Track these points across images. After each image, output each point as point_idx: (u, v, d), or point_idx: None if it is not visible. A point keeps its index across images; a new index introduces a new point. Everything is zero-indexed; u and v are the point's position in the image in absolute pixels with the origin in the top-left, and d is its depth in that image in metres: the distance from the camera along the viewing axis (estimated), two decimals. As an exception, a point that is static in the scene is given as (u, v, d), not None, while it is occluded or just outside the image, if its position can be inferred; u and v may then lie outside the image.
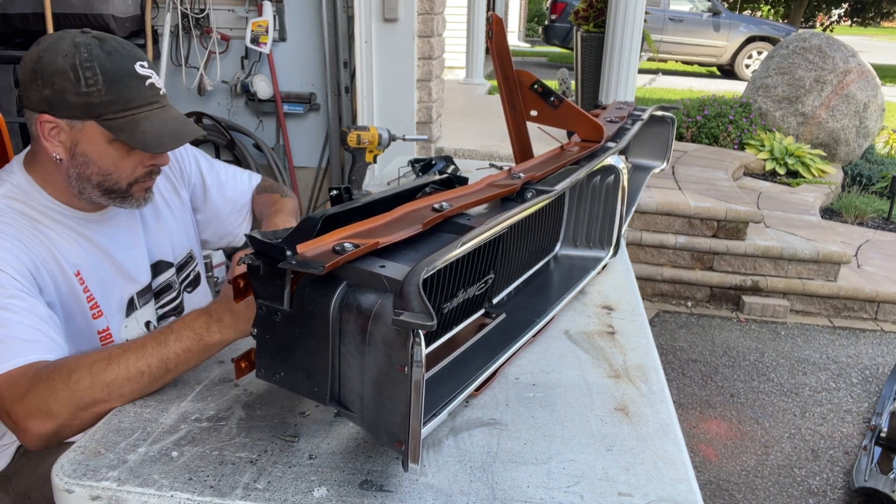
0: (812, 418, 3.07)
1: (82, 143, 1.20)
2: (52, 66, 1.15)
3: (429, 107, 4.07)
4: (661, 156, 2.03)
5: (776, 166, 5.83)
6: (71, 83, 1.15)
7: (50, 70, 1.15)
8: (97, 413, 1.01)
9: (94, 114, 1.18)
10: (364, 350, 0.80)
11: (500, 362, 1.07)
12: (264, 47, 3.63)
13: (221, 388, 1.06)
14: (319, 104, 3.90)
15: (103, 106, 1.18)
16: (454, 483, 0.86)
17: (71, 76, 1.15)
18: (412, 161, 2.32)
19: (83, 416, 1.00)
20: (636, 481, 0.88)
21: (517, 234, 1.23)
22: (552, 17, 13.38)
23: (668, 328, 3.89)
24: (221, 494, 0.82)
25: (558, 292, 1.35)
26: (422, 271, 0.77)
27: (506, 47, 1.51)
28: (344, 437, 0.94)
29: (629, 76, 4.42)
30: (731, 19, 12.89)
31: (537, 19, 21.05)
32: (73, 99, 1.16)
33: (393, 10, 3.71)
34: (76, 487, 0.84)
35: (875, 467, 2.61)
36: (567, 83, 5.52)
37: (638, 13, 4.31)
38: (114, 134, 1.19)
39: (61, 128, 1.19)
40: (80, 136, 1.20)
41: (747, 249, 4.18)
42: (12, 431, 1.04)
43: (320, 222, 0.86)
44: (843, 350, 3.73)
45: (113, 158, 1.22)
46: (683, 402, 3.16)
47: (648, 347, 1.24)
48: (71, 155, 1.21)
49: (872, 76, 6.36)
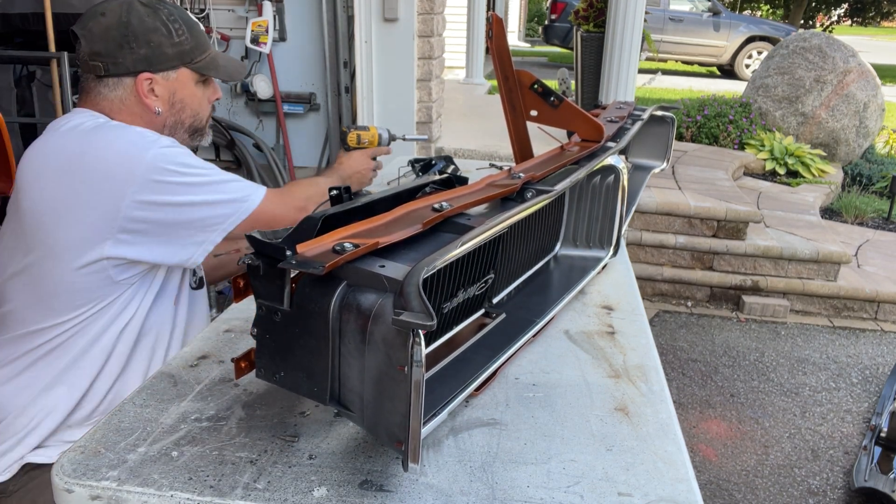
0: (812, 418, 3.07)
1: (179, 90, 1.39)
2: (143, 25, 1.30)
3: (429, 107, 4.07)
4: (661, 156, 2.03)
5: (776, 166, 5.83)
6: (165, 37, 1.33)
7: (142, 30, 1.30)
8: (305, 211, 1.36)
9: (187, 59, 1.37)
10: (364, 350, 0.80)
11: (500, 362, 1.07)
12: (264, 47, 3.63)
13: (221, 388, 1.05)
14: (319, 104, 3.90)
15: (192, 52, 1.38)
16: (454, 483, 0.86)
17: (163, 31, 1.32)
18: (412, 161, 2.32)
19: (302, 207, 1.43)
20: (636, 481, 0.88)
21: (517, 233, 1.23)
22: (552, 17, 13.39)
23: (668, 328, 3.89)
24: (221, 494, 0.82)
25: (558, 292, 1.35)
26: (422, 271, 0.77)
27: (506, 47, 1.51)
28: (344, 437, 0.94)
29: (629, 76, 4.43)
30: (731, 19, 12.90)
31: (537, 19, 21.06)
32: (170, 50, 1.34)
33: (393, 10, 3.71)
34: (76, 487, 0.84)
35: (875, 467, 2.61)
36: (567, 83, 5.52)
37: (638, 13, 4.31)
38: (204, 73, 1.41)
39: (158, 82, 1.35)
40: (175, 85, 1.38)
41: (747, 249, 4.18)
42: None
43: (320, 222, 0.86)
44: (843, 350, 3.73)
45: (199, 98, 1.44)
46: (683, 402, 3.16)
47: (648, 347, 1.24)
48: (170, 104, 1.39)
49: (872, 76, 6.36)
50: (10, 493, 1.35)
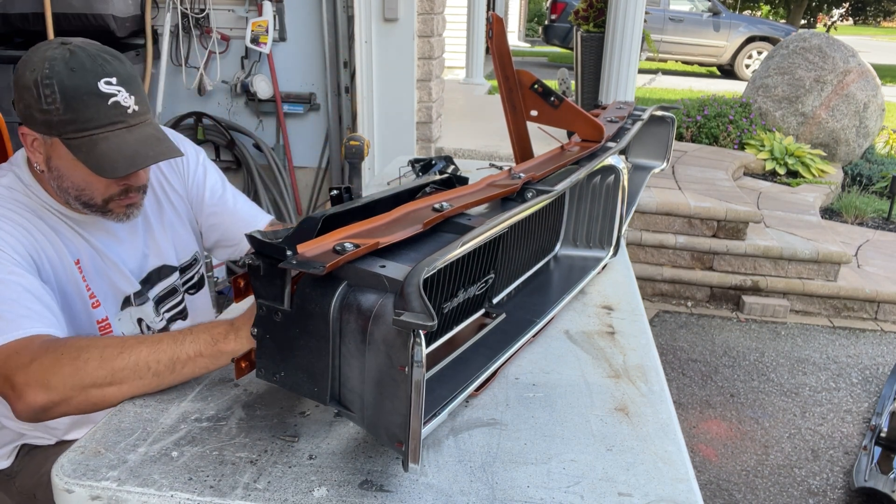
0: (812, 418, 3.07)
1: (53, 157, 1.20)
2: (22, 80, 1.15)
3: (429, 107, 4.07)
4: (661, 156, 2.03)
5: (776, 166, 5.83)
6: (34, 100, 1.14)
7: (21, 84, 1.16)
8: (94, 397, 0.99)
9: (56, 132, 1.16)
10: (364, 350, 0.80)
11: (500, 362, 1.07)
12: (264, 47, 3.63)
13: (221, 388, 1.06)
14: (319, 104, 3.90)
15: (62, 125, 1.15)
16: (454, 483, 0.86)
17: (34, 93, 1.14)
18: (412, 161, 2.32)
19: (80, 396, 0.99)
20: (636, 481, 0.88)
21: (517, 234, 1.23)
22: (552, 17, 13.39)
23: (668, 328, 3.89)
24: (221, 494, 0.82)
25: (558, 292, 1.35)
26: (422, 271, 0.77)
27: (506, 47, 1.51)
28: (344, 437, 0.94)
29: (629, 76, 4.42)
30: (731, 19, 12.89)
31: (537, 19, 21.06)
32: (38, 115, 1.16)
33: (393, 10, 3.71)
34: (76, 487, 0.84)
35: (875, 467, 2.61)
36: (567, 83, 5.52)
37: (638, 13, 4.31)
38: (73, 153, 1.17)
39: (39, 140, 1.19)
40: (51, 151, 1.19)
41: (747, 249, 4.18)
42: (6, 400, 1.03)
43: (320, 222, 0.86)
44: (843, 350, 3.73)
45: (83, 175, 1.20)
46: (683, 402, 3.16)
47: (648, 347, 1.24)
48: (48, 167, 1.21)
49: (872, 76, 6.36)
50: (14, 475, 1.38)
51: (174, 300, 1.51)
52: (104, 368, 0.99)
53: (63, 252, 1.24)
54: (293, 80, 3.86)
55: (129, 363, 0.99)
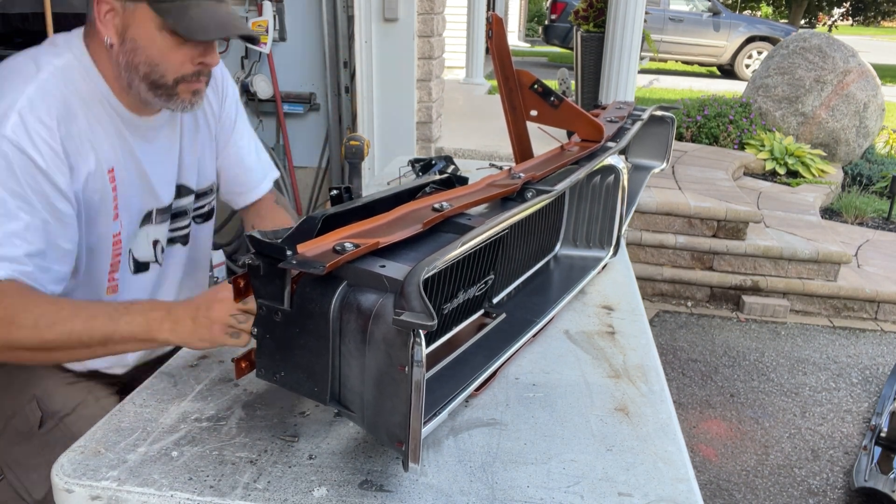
0: (812, 418, 3.07)
1: (133, 26, 1.15)
2: None
3: (429, 107, 4.07)
4: (661, 156, 2.03)
5: (776, 166, 5.83)
6: None
7: None
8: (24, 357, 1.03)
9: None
10: (364, 350, 0.80)
11: (500, 362, 1.07)
12: (264, 47, 3.63)
13: (221, 387, 1.06)
14: (319, 104, 3.90)
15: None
16: (454, 483, 0.86)
17: None
18: (412, 161, 2.32)
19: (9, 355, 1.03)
20: (636, 481, 0.88)
21: (517, 233, 1.23)
22: (552, 17, 13.39)
23: (668, 328, 3.89)
24: (221, 494, 0.82)
25: (558, 292, 1.35)
26: (422, 271, 0.77)
27: (506, 47, 1.51)
28: (344, 437, 0.94)
29: (629, 76, 4.42)
30: (731, 19, 12.90)
31: (537, 19, 21.06)
32: None
33: (393, 10, 3.71)
34: (76, 487, 0.84)
35: (875, 467, 2.61)
36: (567, 83, 5.52)
37: (638, 13, 4.31)
38: (161, 17, 1.14)
39: (115, 10, 1.15)
40: (131, 20, 1.15)
41: (747, 249, 4.18)
42: None
43: (320, 222, 0.86)
44: (843, 350, 3.73)
45: (160, 48, 1.16)
46: (683, 402, 3.16)
47: (648, 347, 1.24)
48: (121, 40, 1.17)
49: (872, 76, 6.36)
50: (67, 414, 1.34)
51: (182, 223, 1.47)
52: (35, 338, 1.02)
53: (100, 158, 1.21)
54: (293, 80, 3.86)
55: (60, 335, 1.02)
